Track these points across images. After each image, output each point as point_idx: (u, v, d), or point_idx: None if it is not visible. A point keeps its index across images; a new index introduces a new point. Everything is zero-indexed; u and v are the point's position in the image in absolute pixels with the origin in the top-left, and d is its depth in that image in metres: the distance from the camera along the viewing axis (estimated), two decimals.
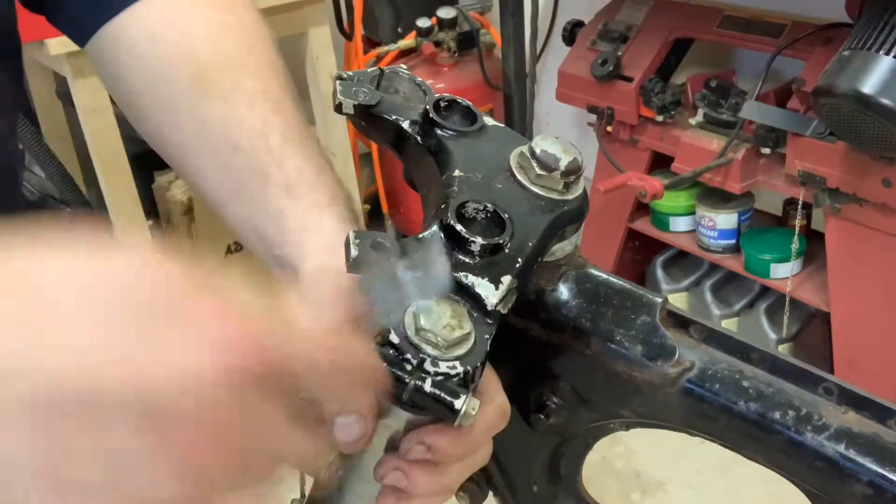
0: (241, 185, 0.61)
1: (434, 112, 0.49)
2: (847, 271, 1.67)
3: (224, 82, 0.63)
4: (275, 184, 0.59)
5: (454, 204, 0.43)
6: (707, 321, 0.47)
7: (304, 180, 0.59)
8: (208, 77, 0.63)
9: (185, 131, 0.64)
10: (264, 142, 0.60)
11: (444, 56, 2.44)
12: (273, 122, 0.61)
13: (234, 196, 0.61)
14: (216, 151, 0.62)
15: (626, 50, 1.94)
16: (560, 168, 0.45)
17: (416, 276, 0.40)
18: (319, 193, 0.58)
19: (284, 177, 0.59)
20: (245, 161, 0.60)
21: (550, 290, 0.48)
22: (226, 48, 0.65)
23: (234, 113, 0.62)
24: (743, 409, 0.44)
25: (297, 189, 0.58)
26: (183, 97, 0.63)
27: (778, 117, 1.66)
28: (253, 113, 0.62)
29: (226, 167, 0.61)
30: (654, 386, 0.46)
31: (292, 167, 0.59)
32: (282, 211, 0.58)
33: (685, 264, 2.09)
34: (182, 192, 2.02)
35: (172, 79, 0.64)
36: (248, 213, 0.60)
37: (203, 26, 0.65)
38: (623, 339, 0.46)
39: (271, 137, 0.60)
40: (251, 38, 0.66)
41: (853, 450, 0.41)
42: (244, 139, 0.61)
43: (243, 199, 0.61)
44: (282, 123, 0.62)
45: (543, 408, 0.50)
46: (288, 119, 0.62)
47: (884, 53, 1.33)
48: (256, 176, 0.60)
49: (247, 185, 0.60)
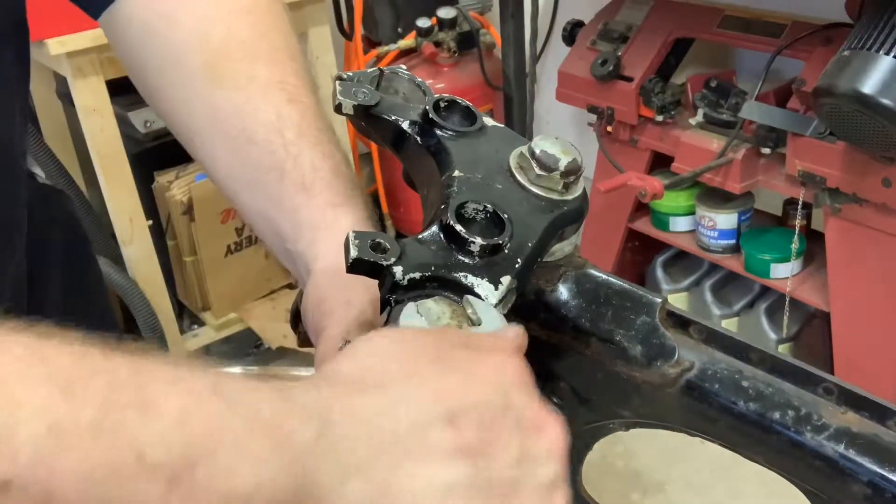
0: (255, 179, 0.60)
1: (434, 112, 0.49)
2: (847, 271, 1.67)
3: (238, 71, 0.62)
4: (290, 180, 0.59)
5: (454, 204, 0.43)
6: (707, 321, 0.47)
7: (320, 177, 0.59)
8: (222, 65, 0.62)
9: (197, 117, 0.63)
10: (280, 136, 0.60)
11: (444, 56, 2.44)
12: (288, 114, 0.61)
13: (248, 188, 0.61)
14: (230, 142, 0.61)
15: (626, 50, 1.94)
16: (559, 168, 0.45)
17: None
18: (335, 192, 0.58)
19: (300, 173, 0.59)
20: (260, 155, 0.60)
21: (550, 290, 0.48)
22: (240, 33, 0.64)
23: (248, 104, 0.61)
24: (742, 409, 0.44)
25: (312, 187, 0.58)
26: (196, 83, 0.63)
27: (778, 117, 1.66)
28: (268, 104, 0.61)
29: (240, 159, 0.61)
30: (653, 386, 0.46)
31: (308, 163, 0.59)
32: (296, 209, 0.58)
33: (685, 264, 2.09)
34: (182, 192, 2.01)
35: (186, 63, 0.63)
36: (262, 207, 0.60)
37: (217, 8, 0.65)
38: (623, 340, 0.46)
39: (287, 131, 0.60)
40: (266, 20, 0.65)
41: (853, 450, 0.41)
42: (259, 132, 0.60)
43: (257, 193, 0.60)
44: (297, 115, 0.61)
45: None
46: (304, 111, 0.61)
47: (884, 53, 1.33)
48: (271, 171, 0.59)
49: (261, 179, 0.60)
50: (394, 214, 2.65)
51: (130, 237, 1.89)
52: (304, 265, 0.57)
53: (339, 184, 0.59)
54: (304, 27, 1.98)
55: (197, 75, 0.63)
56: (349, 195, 0.58)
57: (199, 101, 0.63)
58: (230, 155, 0.62)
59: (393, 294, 0.42)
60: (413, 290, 0.42)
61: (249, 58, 0.63)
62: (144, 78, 0.67)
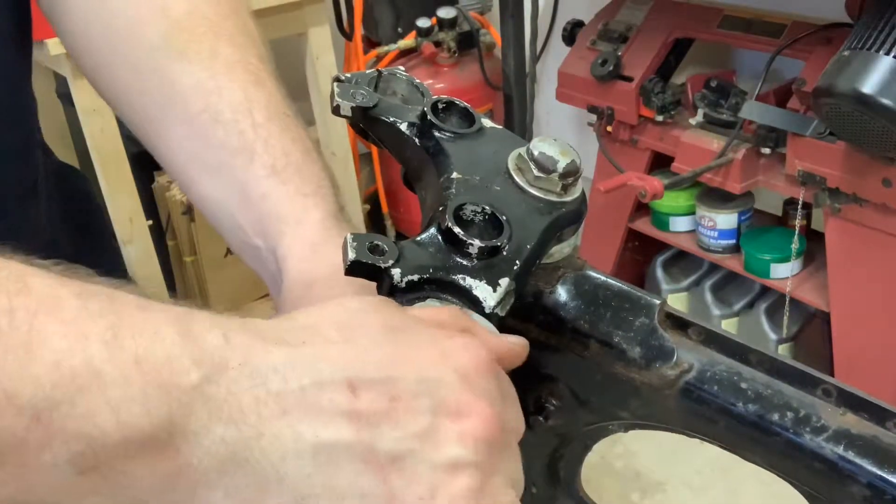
0: (220, 162, 0.55)
1: (432, 114, 0.49)
2: (847, 271, 1.67)
3: (201, 45, 0.57)
4: (259, 164, 0.54)
5: (452, 206, 0.43)
6: (705, 323, 0.47)
7: (291, 163, 0.55)
8: (182, 38, 0.58)
9: (152, 93, 0.58)
10: (248, 116, 0.55)
11: (444, 56, 2.44)
12: (256, 95, 0.56)
13: (210, 173, 0.56)
14: (189, 120, 0.56)
15: (626, 50, 1.94)
16: (558, 170, 0.45)
17: None
18: (305, 179, 0.55)
19: (271, 157, 0.55)
20: (226, 136, 0.55)
21: (549, 292, 0.48)
22: (202, 8, 0.59)
23: (212, 80, 0.56)
24: (741, 410, 0.44)
25: (283, 172, 0.54)
26: (153, 56, 0.58)
27: (778, 117, 1.66)
28: (233, 84, 0.56)
29: (201, 140, 0.56)
30: (652, 388, 0.46)
31: (279, 148, 0.55)
32: (265, 195, 0.54)
33: (685, 264, 2.09)
34: (182, 193, 2.01)
35: (140, 36, 0.58)
36: (223, 195, 0.56)
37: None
38: (622, 341, 0.46)
39: (256, 112, 0.56)
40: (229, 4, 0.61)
41: (852, 451, 0.41)
42: (225, 112, 0.55)
43: (221, 178, 0.56)
44: (265, 97, 0.57)
45: (542, 409, 0.50)
46: (270, 93, 0.57)
47: (884, 53, 1.33)
48: (238, 153, 0.55)
49: (226, 162, 0.55)
50: (394, 215, 2.65)
51: (130, 237, 1.90)
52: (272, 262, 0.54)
53: (310, 171, 0.55)
54: (304, 27, 1.98)
55: (153, 48, 0.57)
56: (319, 184, 0.55)
57: (154, 76, 0.57)
58: (190, 136, 0.56)
59: (391, 296, 0.42)
60: (411, 292, 0.42)
61: (213, 34, 0.58)
62: (94, 57, 0.62)
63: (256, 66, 0.58)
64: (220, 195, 0.56)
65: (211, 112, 0.56)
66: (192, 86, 0.56)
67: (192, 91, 0.56)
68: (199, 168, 0.57)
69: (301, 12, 1.96)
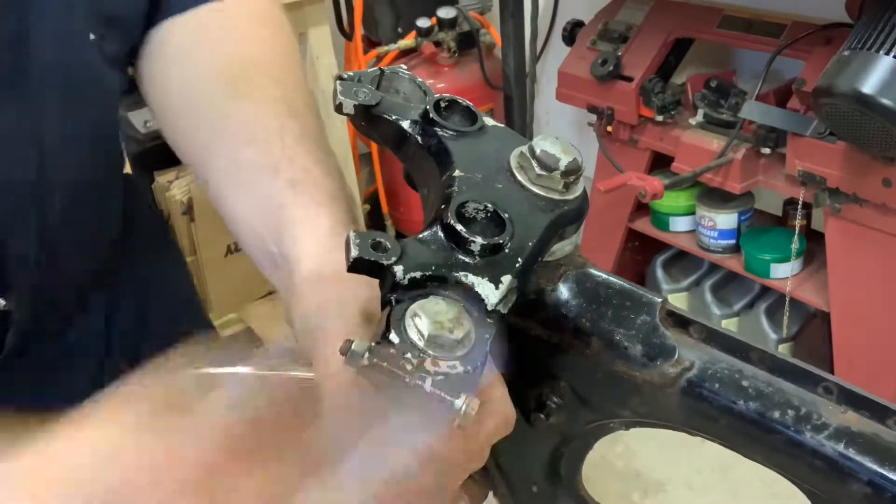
0: (248, 179, 0.61)
1: (434, 112, 0.49)
2: (847, 271, 1.67)
3: (252, 85, 0.66)
4: (281, 178, 0.59)
5: (454, 204, 0.43)
6: (707, 321, 0.47)
7: (310, 177, 0.59)
8: (239, 78, 0.66)
9: (207, 128, 0.66)
10: (279, 139, 0.61)
11: (444, 56, 2.44)
12: (290, 125, 0.63)
13: (240, 189, 0.61)
14: (230, 144, 0.63)
15: (626, 50, 1.94)
16: (560, 168, 0.45)
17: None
18: (321, 191, 0.58)
19: (292, 172, 0.59)
20: (256, 154, 0.61)
21: (550, 289, 0.48)
22: (260, 57, 0.69)
23: (256, 112, 0.64)
24: (742, 408, 0.44)
25: (300, 185, 0.58)
26: (212, 96, 0.66)
27: (778, 117, 1.66)
28: (271, 114, 0.63)
29: (235, 159, 0.62)
30: (653, 386, 0.46)
31: (300, 165, 0.60)
32: (282, 205, 0.58)
33: (685, 264, 2.09)
34: (182, 193, 2.02)
35: (206, 81, 0.67)
36: (249, 210, 0.60)
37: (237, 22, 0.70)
38: (623, 339, 0.46)
39: (286, 136, 0.61)
40: (285, 55, 0.71)
41: (853, 449, 0.41)
42: (259, 134, 0.62)
43: (248, 193, 0.61)
44: (299, 128, 0.63)
45: (543, 407, 0.50)
46: (306, 126, 0.64)
47: (884, 53, 1.33)
48: (264, 169, 0.60)
49: (253, 178, 0.60)
50: (394, 214, 2.65)
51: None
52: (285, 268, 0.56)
53: (327, 185, 0.59)
54: (304, 27, 1.98)
55: (215, 88, 0.66)
56: (334, 196, 0.59)
57: (210, 111, 0.66)
58: (227, 157, 0.63)
59: (393, 293, 0.42)
60: (413, 289, 0.42)
61: (266, 79, 0.67)
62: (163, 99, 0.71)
63: (301, 108, 0.66)
64: (245, 211, 0.61)
65: (247, 135, 0.62)
66: (238, 117, 0.64)
67: (237, 121, 0.64)
68: (231, 185, 0.62)
69: (301, 12, 1.96)
